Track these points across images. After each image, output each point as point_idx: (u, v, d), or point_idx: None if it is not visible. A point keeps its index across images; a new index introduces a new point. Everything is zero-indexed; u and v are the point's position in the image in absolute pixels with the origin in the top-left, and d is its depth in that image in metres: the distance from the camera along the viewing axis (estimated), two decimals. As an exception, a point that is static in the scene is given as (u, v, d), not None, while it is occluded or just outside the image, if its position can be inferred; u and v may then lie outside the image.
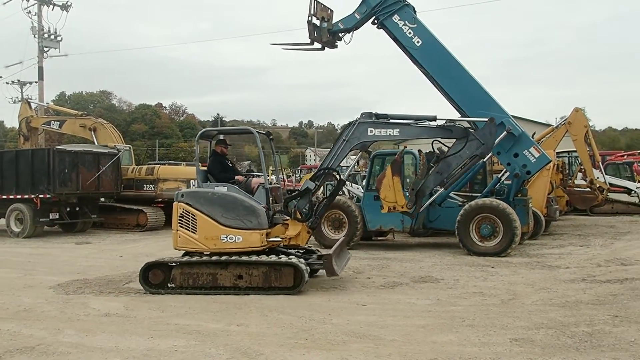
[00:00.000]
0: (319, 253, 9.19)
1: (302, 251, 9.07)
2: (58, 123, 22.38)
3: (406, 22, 13.16)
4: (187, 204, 8.64)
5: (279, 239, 8.65)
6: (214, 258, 8.34)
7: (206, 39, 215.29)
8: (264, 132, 9.63)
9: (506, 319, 6.64)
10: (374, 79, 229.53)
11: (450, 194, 13.78)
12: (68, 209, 17.44)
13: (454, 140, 9.29)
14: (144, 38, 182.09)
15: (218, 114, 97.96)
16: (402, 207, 10.02)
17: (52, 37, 33.67)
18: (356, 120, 9.09)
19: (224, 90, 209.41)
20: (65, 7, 33.83)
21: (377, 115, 9.18)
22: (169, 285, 8.49)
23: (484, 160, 13.07)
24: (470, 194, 14.17)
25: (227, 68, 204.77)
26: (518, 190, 13.21)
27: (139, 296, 8.26)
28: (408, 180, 13.63)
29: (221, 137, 9.87)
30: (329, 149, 9.59)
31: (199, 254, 8.63)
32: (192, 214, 8.57)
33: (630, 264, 10.48)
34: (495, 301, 7.65)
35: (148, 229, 18.24)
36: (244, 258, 8.28)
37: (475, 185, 15.03)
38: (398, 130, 9.03)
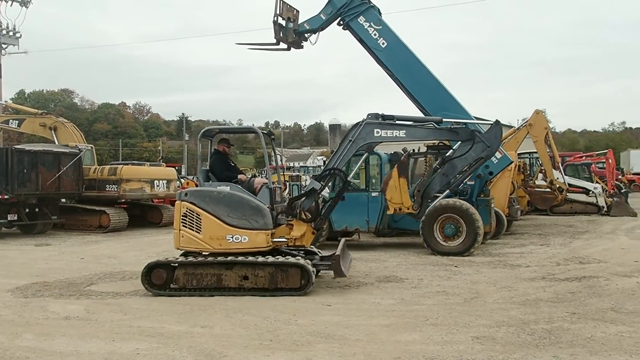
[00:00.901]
0: (320, 254, 9.11)
1: (302, 252, 8.91)
2: (17, 122, 21.75)
3: (371, 23, 13.26)
4: (191, 203, 8.42)
5: (284, 240, 8.54)
6: (219, 258, 8.18)
7: (172, 38, 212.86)
8: (266, 132, 9.48)
9: (468, 317, 6.75)
10: (340, 80, 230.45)
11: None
12: (27, 210, 16.96)
13: (458, 142, 9.51)
14: (108, 36, 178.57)
15: (183, 114, 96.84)
16: (408, 209, 10.18)
17: (11, 33, 32.76)
18: (363, 121, 9.04)
19: (189, 89, 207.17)
20: (24, 3, 32.96)
21: (384, 117, 9.14)
22: (172, 286, 8.35)
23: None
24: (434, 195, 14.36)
25: (193, 67, 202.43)
26: (481, 191, 13.47)
27: (101, 299, 8.11)
28: (373, 180, 13.77)
29: (224, 136, 9.79)
30: (295, 150, 9.55)
31: (194, 255, 8.49)
32: (196, 214, 8.38)
33: (588, 263, 10.78)
34: (458, 300, 7.77)
35: (111, 230, 17.90)
36: (250, 258, 8.14)
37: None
38: (404, 131, 9.04)
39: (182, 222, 8.47)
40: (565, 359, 5.19)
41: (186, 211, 8.44)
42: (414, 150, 13.85)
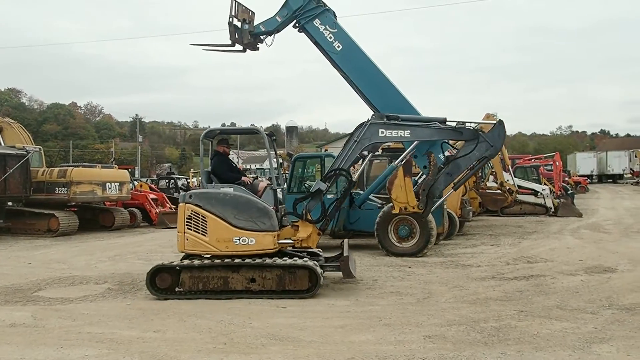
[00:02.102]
0: (324, 255, 9.04)
1: (305, 253, 8.80)
2: (-40, 122, 20.94)
3: (327, 26, 13.32)
4: (196, 205, 8.27)
5: (290, 241, 8.49)
6: (226, 261, 8.09)
7: (126, 37, 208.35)
8: (267, 133, 9.34)
9: (421, 317, 6.88)
10: (296, 83, 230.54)
11: (370, 196, 14.09)
12: (-29, 214, 16.36)
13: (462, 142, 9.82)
14: (59, 33, 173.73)
15: (137, 115, 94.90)
16: (414, 208, 10.31)
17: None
18: (368, 121, 9.19)
19: (143, 90, 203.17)
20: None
21: (388, 117, 9.38)
22: (177, 289, 8.21)
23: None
24: (389, 197, 14.53)
25: (148, 67, 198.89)
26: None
27: (49, 305, 7.89)
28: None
29: (225, 137, 9.66)
30: (252, 152, 9.50)
31: (199, 258, 8.41)
32: (202, 216, 8.22)
33: (536, 262, 11.12)
34: (411, 300, 7.91)
35: (60, 234, 17.39)
36: (258, 261, 8.07)
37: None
38: (409, 131, 9.25)
39: (186, 225, 8.29)
40: (512, 356, 5.35)
41: (191, 213, 8.27)
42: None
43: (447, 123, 9.73)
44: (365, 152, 12.29)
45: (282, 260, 8.13)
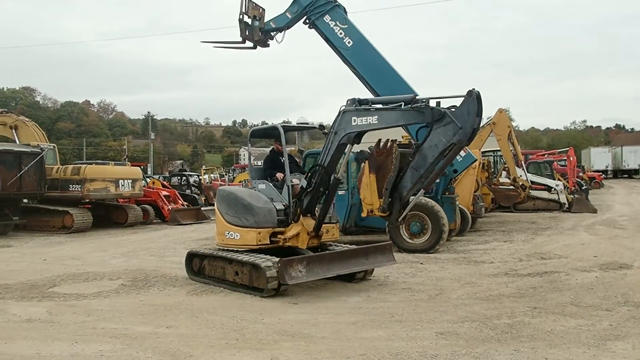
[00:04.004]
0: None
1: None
2: (-25, 120, 21.18)
3: (337, 22, 13.31)
4: (215, 201, 9.20)
5: (277, 240, 8.42)
6: (221, 253, 8.70)
7: (138, 35, 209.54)
8: (317, 126, 9.29)
9: (433, 313, 6.86)
10: (308, 79, 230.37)
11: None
12: (-13, 211, 16.56)
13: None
14: (73, 33, 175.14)
15: (149, 112, 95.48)
16: (377, 210, 7.89)
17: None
18: (341, 109, 7.90)
19: (155, 88, 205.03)
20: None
21: (360, 101, 7.83)
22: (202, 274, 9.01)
23: None
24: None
25: (159, 66, 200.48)
26: (446, 189, 13.65)
27: (64, 300, 7.96)
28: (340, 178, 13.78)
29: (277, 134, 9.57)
30: (263, 148, 9.47)
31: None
32: (216, 211, 9.09)
33: (550, 258, 11.04)
34: (423, 296, 7.88)
35: (74, 230, 17.56)
36: (228, 255, 8.48)
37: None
38: (377, 117, 7.61)
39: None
40: (525, 353, 5.32)
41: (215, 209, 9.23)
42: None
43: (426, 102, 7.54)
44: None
45: (247, 256, 8.16)
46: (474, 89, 7.02)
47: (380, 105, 7.77)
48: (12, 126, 20.18)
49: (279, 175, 9.06)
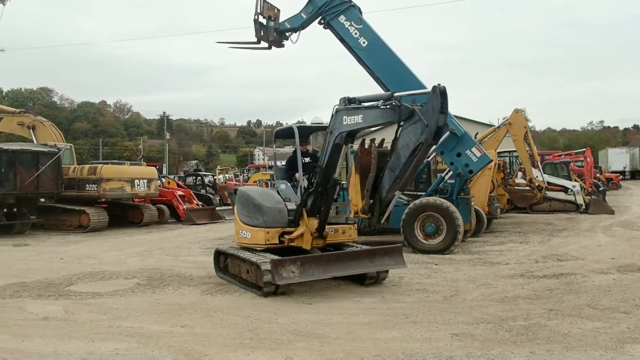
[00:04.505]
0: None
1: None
2: (-6, 121, 21.46)
3: (352, 22, 13.28)
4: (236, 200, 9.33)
5: (284, 239, 8.39)
6: (231, 251, 8.93)
7: (153, 36, 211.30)
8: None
9: (448, 314, 6.82)
10: (323, 79, 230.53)
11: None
12: (5, 210, 16.74)
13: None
14: (89, 34, 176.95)
15: (164, 112, 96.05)
16: (360, 212, 7.73)
17: (-12, 31, 32.26)
18: (335, 108, 7.82)
19: (171, 88, 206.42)
20: (2, 0, 32.41)
21: (349, 100, 7.71)
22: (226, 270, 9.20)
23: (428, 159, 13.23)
24: (415, 193, 14.43)
25: (174, 66, 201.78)
26: (461, 189, 13.56)
27: (80, 299, 8.03)
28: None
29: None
30: (278, 149, 9.45)
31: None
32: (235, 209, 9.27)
33: (566, 260, 10.93)
34: (438, 297, 7.84)
35: (90, 230, 17.74)
36: (233, 252, 8.78)
37: (420, 184, 15.32)
38: (362, 116, 7.48)
39: None
40: (542, 355, 5.27)
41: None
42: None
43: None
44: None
45: (251, 255, 8.25)
46: (439, 84, 6.77)
47: (366, 104, 7.68)
48: (29, 126, 20.43)
49: (297, 175, 9.14)
